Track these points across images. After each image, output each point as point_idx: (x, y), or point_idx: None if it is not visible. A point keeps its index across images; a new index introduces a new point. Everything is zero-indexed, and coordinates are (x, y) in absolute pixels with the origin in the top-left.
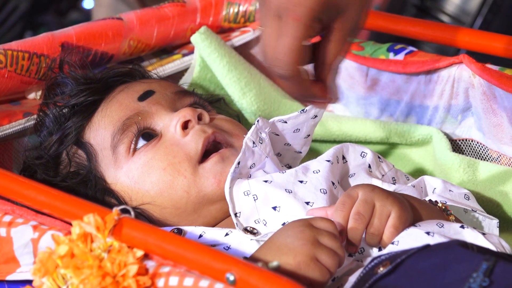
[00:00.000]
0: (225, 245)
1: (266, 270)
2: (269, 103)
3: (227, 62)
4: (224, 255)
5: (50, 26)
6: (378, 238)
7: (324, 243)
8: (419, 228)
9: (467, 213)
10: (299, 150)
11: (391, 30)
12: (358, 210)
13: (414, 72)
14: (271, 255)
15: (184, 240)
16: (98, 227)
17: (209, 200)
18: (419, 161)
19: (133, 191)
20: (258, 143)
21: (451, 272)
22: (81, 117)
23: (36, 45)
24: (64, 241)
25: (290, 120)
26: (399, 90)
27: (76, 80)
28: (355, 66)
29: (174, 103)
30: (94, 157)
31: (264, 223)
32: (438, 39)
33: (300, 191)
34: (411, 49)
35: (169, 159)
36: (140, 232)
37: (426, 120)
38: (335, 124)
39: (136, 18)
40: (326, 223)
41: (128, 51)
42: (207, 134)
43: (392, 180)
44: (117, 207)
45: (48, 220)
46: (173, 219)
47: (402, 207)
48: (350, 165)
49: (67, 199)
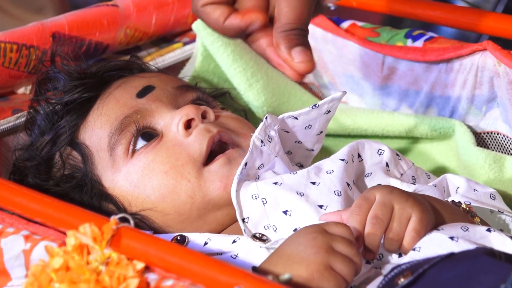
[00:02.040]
0: (232, 253)
1: (277, 283)
2: (277, 94)
3: (231, 51)
4: (232, 268)
5: None
6: (398, 244)
7: (339, 250)
8: (442, 232)
9: (493, 214)
10: (311, 148)
11: (408, 14)
12: (375, 214)
13: (434, 60)
14: (282, 265)
15: (188, 251)
16: (95, 237)
17: (215, 205)
18: (440, 157)
19: (132, 196)
20: (267, 142)
21: (477, 284)
22: (76, 116)
23: (25, 35)
24: (58, 252)
25: (301, 116)
26: (418, 79)
27: (69, 75)
28: (371, 54)
29: (176, 99)
30: (90, 159)
31: (274, 229)
32: (460, 24)
33: (313, 194)
34: (431, 35)
35: (171, 162)
36: (141, 243)
37: (448, 112)
38: (349, 117)
39: (133, 4)
40: (341, 228)
41: (125, 40)
42: (212, 134)
43: (412, 180)
44: (115, 216)
45: (41, 230)
46: (176, 226)
47: (423, 209)
48: (366, 164)
49: (62, 207)
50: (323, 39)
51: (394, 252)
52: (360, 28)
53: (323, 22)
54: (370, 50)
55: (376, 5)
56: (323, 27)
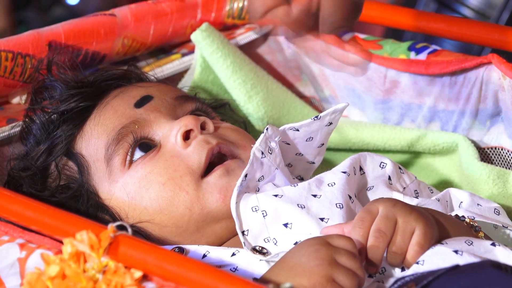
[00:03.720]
0: (231, 266)
1: None
2: (277, 107)
3: (231, 62)
4: (232, 276)
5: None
6: (401, 257)
7: (342, 262)
8: (446, 246)
9: (497, 229)
10: (312, 161)
11: (411, 27)
12: (378, 227)
13: (438, 73)
14: (284, 277)
15: (187, 259)
16: (92, 245)
17: (214, 218)
18: (443, 172)
19: (129, 208)
20: (267, 154)
21: None
22: (72, 125)
23: (20, 44)
24: (54, 260)
25: (303, 127)
26: (421, 93)
27: (66, 84)
28: (373, 67)
29: (175, 109)
30: (86, 170)
31: (274, 242)
32: (464, 37)
33: (314, 206)
34: (435, 48)
35: (169, 173)
36: (139, 251)
37: (451, 126)
38: (351, 130)
39: (131, 14)
40: (344, 241)
41: (122, 51)
42: (211, 146)
43: (415, 193)
44: (113, 223)
45: (37, 238)
46: (174, 238)
47: (427, 223)
48: (368, 177)
49: (58, 215)
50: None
51: (397, 266)
52: (362, 41)
53: None
54: (372, 63)
55: (378, 17)
56: (325, 39)
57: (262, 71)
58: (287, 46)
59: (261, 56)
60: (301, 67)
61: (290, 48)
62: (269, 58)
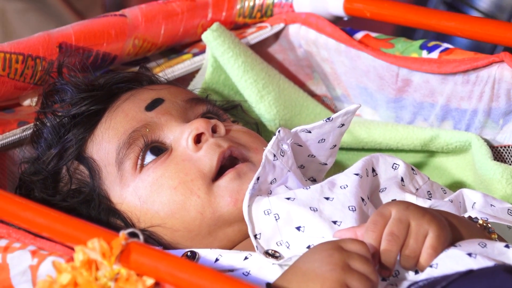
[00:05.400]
0: (243, 270)
1: None
2: (289, 107)
3: (242, 62)
4: (244, 284)
5: None
6: (414, 261)
7: (355, 267)
8: (459, 248)
9: (510, 230)
10: (325, 162)
11: (423, 25)
12: (391, 230)
13: (450, 72)
14: (297, 282)
15: (199, 267)
16: (104, 253)
17: (226, 222)
18: (457, 172)
19: (141, 212)
20: (280, 156)
21: None
22: (83, 129)
23: (31, 46)
24: (66, 268)
25: (315, 129)
26: (433, 92)
27: (77, 87)
28: (385, 66)
29: (186, 112)
30: (98, 174)
31: (287, 246)
32: (476, 35)
33: (326, 209)
34: (447, 46)
35: (181, 177)
36: (151, 258)
37: (464, 125)
38: (364, 130)
39: (141, 14)
40: (357, 245)
41: (133, 51)
42: (223, 149)
43: (428, 195)
44: (124, 231)
45: (48, 245)
46: (186, 242)
47: (440, 225)
48: (381, 179)
49: (69, 222)
50: (336, 50)
51: (411, 269)
52: (374, 39)
53: (336, 33)
54: (384, 62)
55: (390, 15)
56: (336, 38)
57: (273, 70)
58: (299, 45)
59: (273, 55)
60: (312, 66)
61: (302, 47)
62: (280, 57)
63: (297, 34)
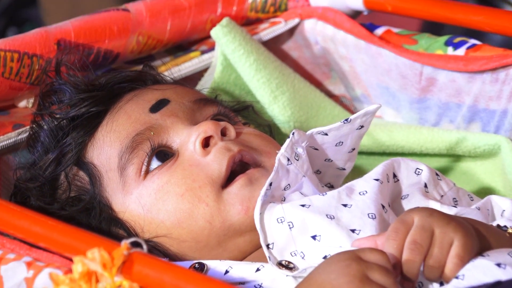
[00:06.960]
0: (255, 283)
1: None
2: (305, 108)
3: (254, 60)
4: None
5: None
6: (439, 271)
7: (374, 279)
8: (487, 258)
9: None
10: (343, 167)
11: (449, 20)
12: (414, 239)
13: (478, 70)
14: None
15: (208, 279)
16: (105, 263)
17: (236, 231)
18: (485, 177)
19: (145, 221)
20: (294, 160)
21: None
22: (83, 132)
23: (27, 43)
24: (64, 280)
25: (332, 131)
26: (460, 91)
27: (76, 87)
28: (408, 64)
29: (193, 114)
30: (99, 180)
31: (301, 256)
32: (506, 30)
33: (344, 217)
34: (474, 43)
35: (188, 183)
36: (155, 270)
37: (493, 127)
38: (385, 133)
39: (146, 9)
40: (376, 255)
41: (137, 49)
42: (232, 153)
43: (453, 202)
44: (127, 240)
45: (45, 256)
46: (193, 254)
47: (466, 233)
48: (403, 185)
49: (67, 231)
50: (356, 47)
51: (435, 280)
52: (395, 35)
53: (355, 28)
54: (407, 59)
55: (413, 9)
56: (355, 34)
57: (288, 69)
58: (315, 41)
59: (287, 52)
60: (330, 64)
61: (318, 44)
62: (295, 55)
63: (313, 30)
